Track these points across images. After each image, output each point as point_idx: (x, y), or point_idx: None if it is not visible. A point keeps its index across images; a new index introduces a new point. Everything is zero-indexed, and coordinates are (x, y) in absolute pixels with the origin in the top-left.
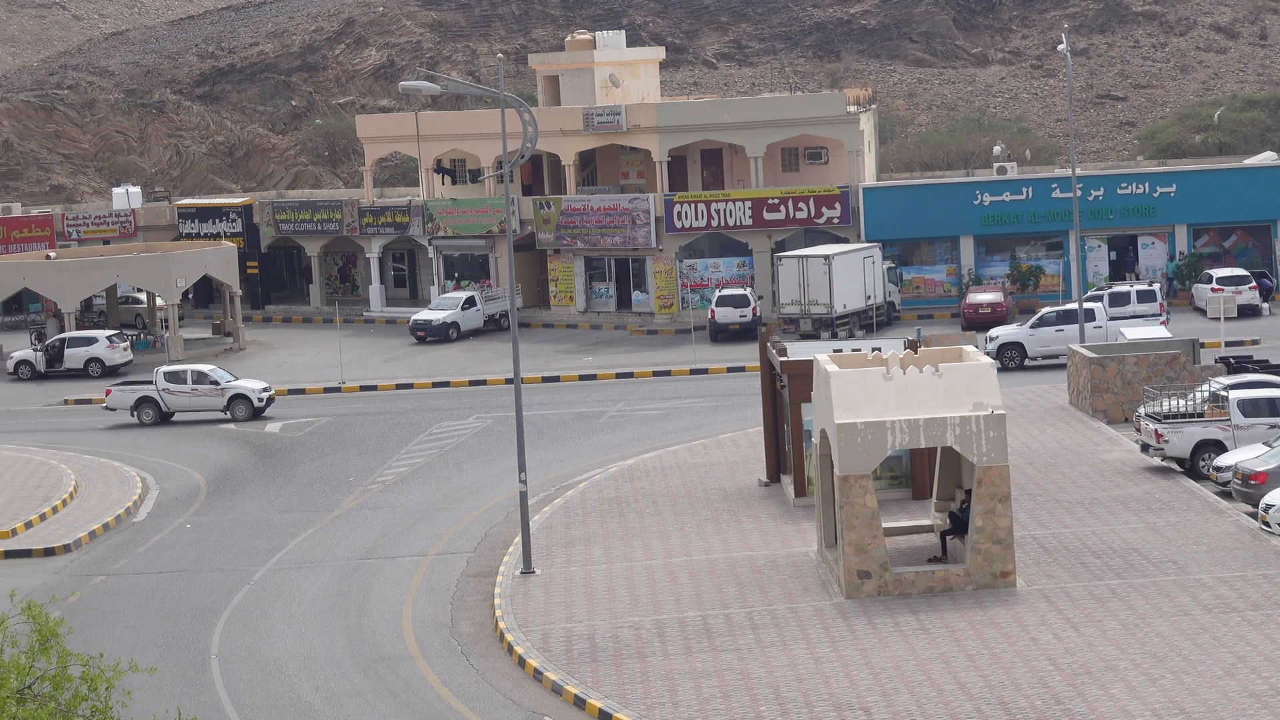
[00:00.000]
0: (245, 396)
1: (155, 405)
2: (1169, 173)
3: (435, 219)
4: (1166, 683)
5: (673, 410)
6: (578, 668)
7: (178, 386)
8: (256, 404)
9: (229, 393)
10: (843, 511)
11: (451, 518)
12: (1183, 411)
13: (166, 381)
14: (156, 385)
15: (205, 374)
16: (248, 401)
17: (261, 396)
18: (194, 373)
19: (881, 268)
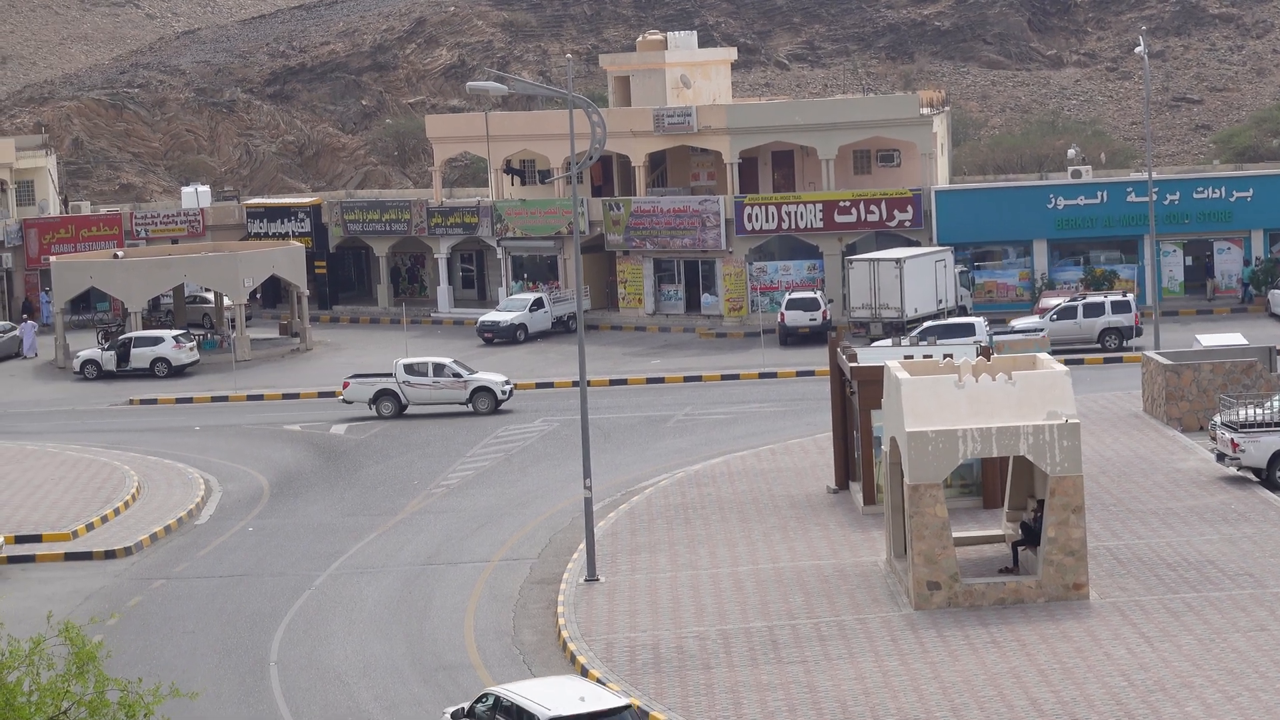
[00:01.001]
0: (489, 389)
1: (395, 398)
2: (1245, 177)
3: (504, 220)
4: (1243, 701)
5: (741, 415)
6: (641, 679)
7: (418, 379)
8: (500, 396)
9: (471, 385)
10: (912, 521)
11: (516, 523)
12: (1259, 420)
13: (407, 374)
14: (396, 378)
15: (445, 366)
16: (491, 394)
17: (505, 389)
18: (434, 365)
19: (953, 271)
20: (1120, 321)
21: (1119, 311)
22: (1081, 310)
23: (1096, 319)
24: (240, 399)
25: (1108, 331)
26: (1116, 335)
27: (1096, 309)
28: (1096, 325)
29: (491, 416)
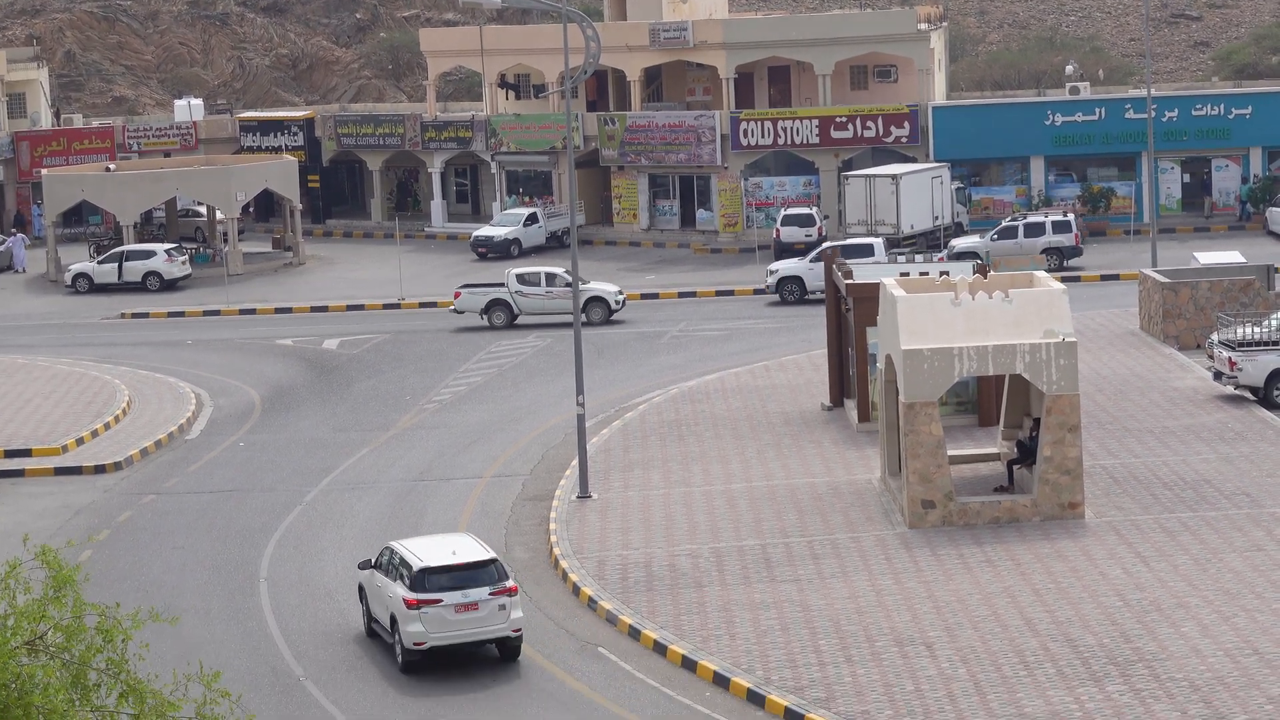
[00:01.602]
0: (602, 299)
1: (507, 308)
2: (1244, 94)
3: (498, 134)
4: (1239, 621)
5: (735, 331)
6: (633, 597)
7: (530, 289)
8: (614, 306)
9: (585, 295)
10: (907, 439)
11: (508, 439)
12: (1257, 339)
13: (519, 284)
14: (509, 287)
15: (558, 275)
16: (604, 304)
17: (618, 299)
18: (546, 274)
19: (950, 188)
20: (1061, 241)
21: (1060, 231)
22: (1023, 230)
23: (1038, 238)
24: (232, 313)
25: (1049, 251)
26: (1057, 255)
27: (1037, 229)
28: (1038, 245)
29: (485, 331)
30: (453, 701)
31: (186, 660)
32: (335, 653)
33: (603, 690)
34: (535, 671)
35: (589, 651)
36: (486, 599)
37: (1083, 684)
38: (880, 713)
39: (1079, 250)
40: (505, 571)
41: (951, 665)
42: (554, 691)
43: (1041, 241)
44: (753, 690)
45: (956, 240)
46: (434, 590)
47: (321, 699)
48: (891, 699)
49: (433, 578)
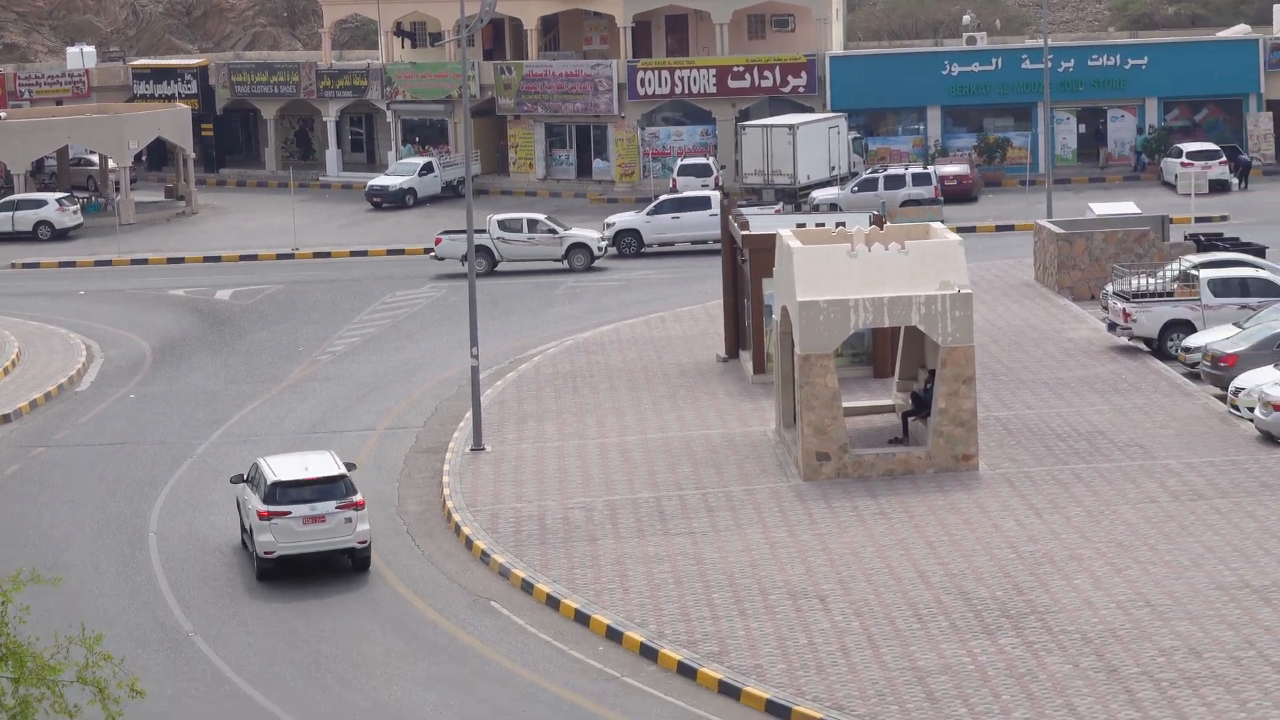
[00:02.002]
0: (585, 245)
1: (489, 254)
2: (1140, 45)
3: (394, 83)
4: (1132, 573)
5: (631, 282)
6: (526, 550)
7: (513, 235)
8: (595, 253)
9: (567, 241)
10: (802, 391)
11: (402, 391)
12: (1151, 290)
13: (501, 230)
14: (490, 234)
15: (540, 221)
16: (587, 250)
17: (600, 245)
18: (528, 220)
19: (847, 137)
20: (920, 194)
21: (920, 184)
22: (883, 182)
23: (897, 190)
24: (124, 263)
25: (908, 203)
26: (917, 205)
27: (897, 181)
28: (898, 197)
29: (379, 282)
30: (343, 657)
31: (74, 617)
32: (225, 608)
33: (495, 645)
34: (427, 626)
35: (481, 605)
36: (333, 512)
37: (975, 637)
38: (773, 666)
39: (939, 201)
40: (353, 487)
41: (845, 618)
42: (445, 646)
43: (901, 194)
44: (646, 644)
45: (816, 192)
46: (284, 503)
47: (210, 654)
48: (785, 652)
49: (284, 491)
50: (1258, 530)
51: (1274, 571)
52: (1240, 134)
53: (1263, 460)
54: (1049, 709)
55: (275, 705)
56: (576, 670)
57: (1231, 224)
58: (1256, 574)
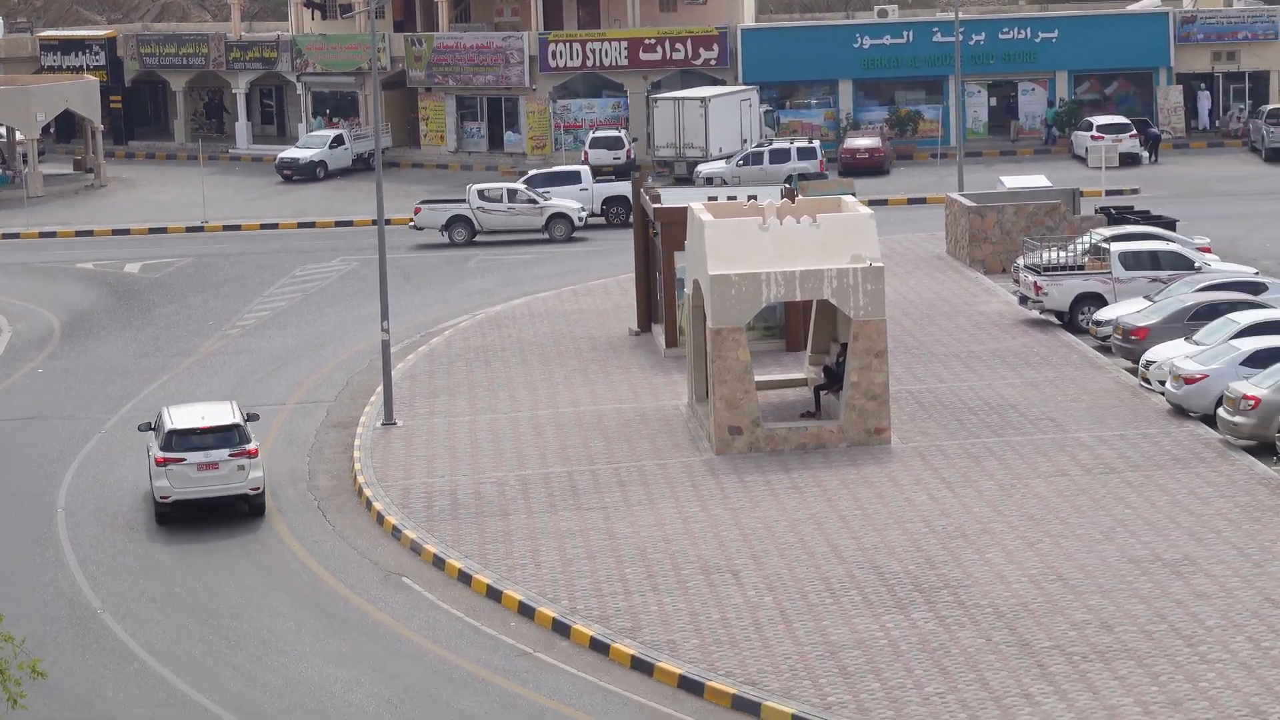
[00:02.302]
0: (565, 215)
1: (469, 224)
2: (1051, 18)
3: (304, 55)
4: (1044, 547)
5: (543, 255)
6: (438, 525)
7: (493, 205)
8: (576, 223)
9: (548, 211)
10: (714, 365)
11: (312, 365)
12: (1062, 263)
13: (481, 200)
14: (470, 203)
15: (519, 191)
16: (568, 220)
17: (581, 215)
18: (508, 190)
19: (759, 110)
20: (806, 168)
21: (805, 158)
22: (768, 156)
23: (783, 165)
24: (32, 236)
25: (793, 177)
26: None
27: (782, 155)
28: (783, 171)
29: (290, 255)
30: (254, 633)
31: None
32: (134, 584)
33: (407, 621)
34: (338, 603)
35: (393, 581)
36: (226, 459)
37: (888, 611)
38: (686, 642)
39: (824, 176)
40: (247, 436)
41: (758, 593)
42: (357, 622)
43: (786, 168)
44: (558, 620)
45: (702, 166)
46: (180, 450)
47: (120, 632)
48: (697, 628)
49: (179, 439)
50: (1169, 503)
51: (1185, 545)
52: (1151, 107)
53: (1173, 433)
54: (961, 683)
55: (185, 684)
56: (488, 646)
57: (1142, 197)
58: (1168, 547)
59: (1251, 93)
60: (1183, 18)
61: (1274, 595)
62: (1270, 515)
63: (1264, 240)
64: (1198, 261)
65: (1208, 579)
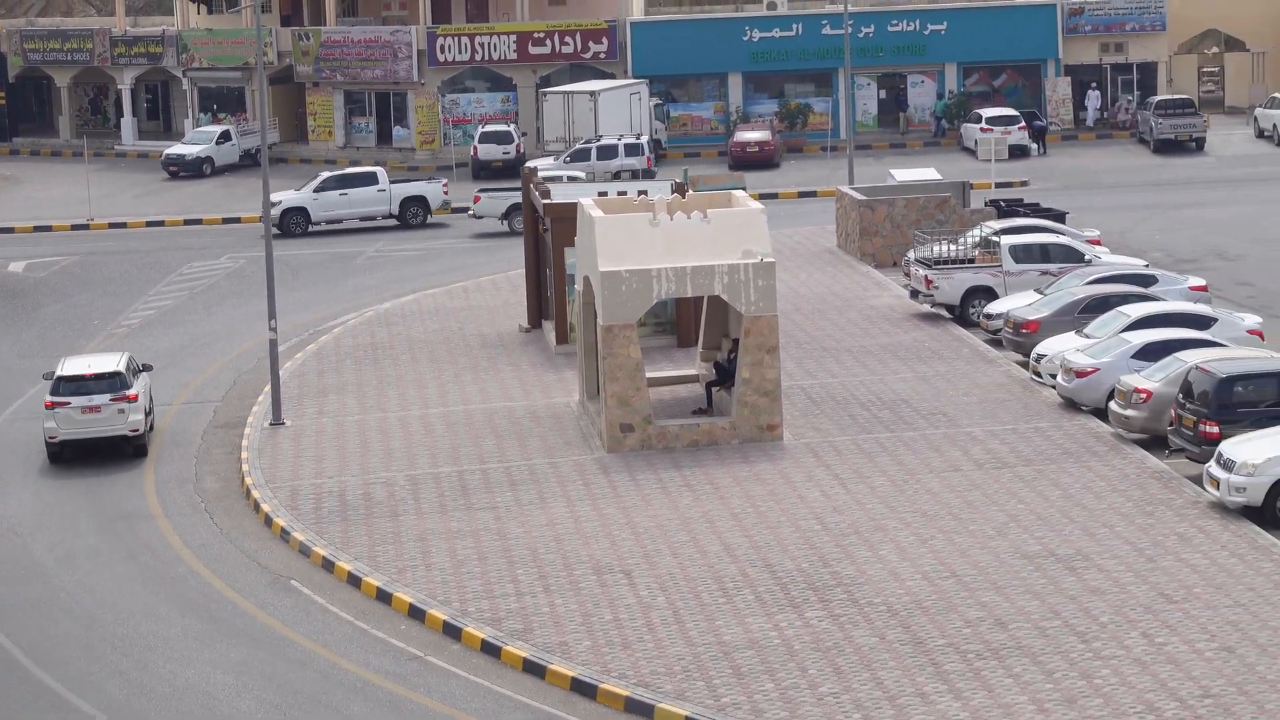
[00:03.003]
0: None
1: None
2: (940, 10)
3: (190, 50)
4: (937, 543)
5: (432, 251)
6: (327, 527)
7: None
8: None
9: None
10: (605, 362)
11: (199, 364)
12: (953, 257)
13: None
14: None
15: (579, 178)
16: None
17: None
18: (568, 176)
19: (648, 104)
20: (633, 164)
21: (632, 154)
22: (595, 152)
23: (610, 161)
24: None
25: (621, 173)
26: (631, 176)
27: (610, 151)
28: (610, 167)
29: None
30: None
31: None
32: (17, 589)
33: (296, 625)
34: (226, 606)
35: (281, 584)
36: (108, 404)
37: (782, 610)
38: (579, 644)
39: (652, 172)
40: (127, 382)
41: (650, 593)
42: (245, 627)
43: (614, 164)
44: (449, 622)
45: (533, 161)
46: (65, 394)
47: (1, 638)
48: (590, 629)
49: (65, 384)
50: (1061, 498)
51: (1078, 540)
52: (1039, 99)
53: (1065, 427)
54: (855, 683)
55: (69, 690)
56: (379, 650)
57: (1031, 189)
58: (1061, 542)
59: (1140, 84)
60: (1070, 9)
61: (1167, 590)
62: (1162, 509)
63: (1153, 232)
64: (1088, 254)
65: (1101, 574)
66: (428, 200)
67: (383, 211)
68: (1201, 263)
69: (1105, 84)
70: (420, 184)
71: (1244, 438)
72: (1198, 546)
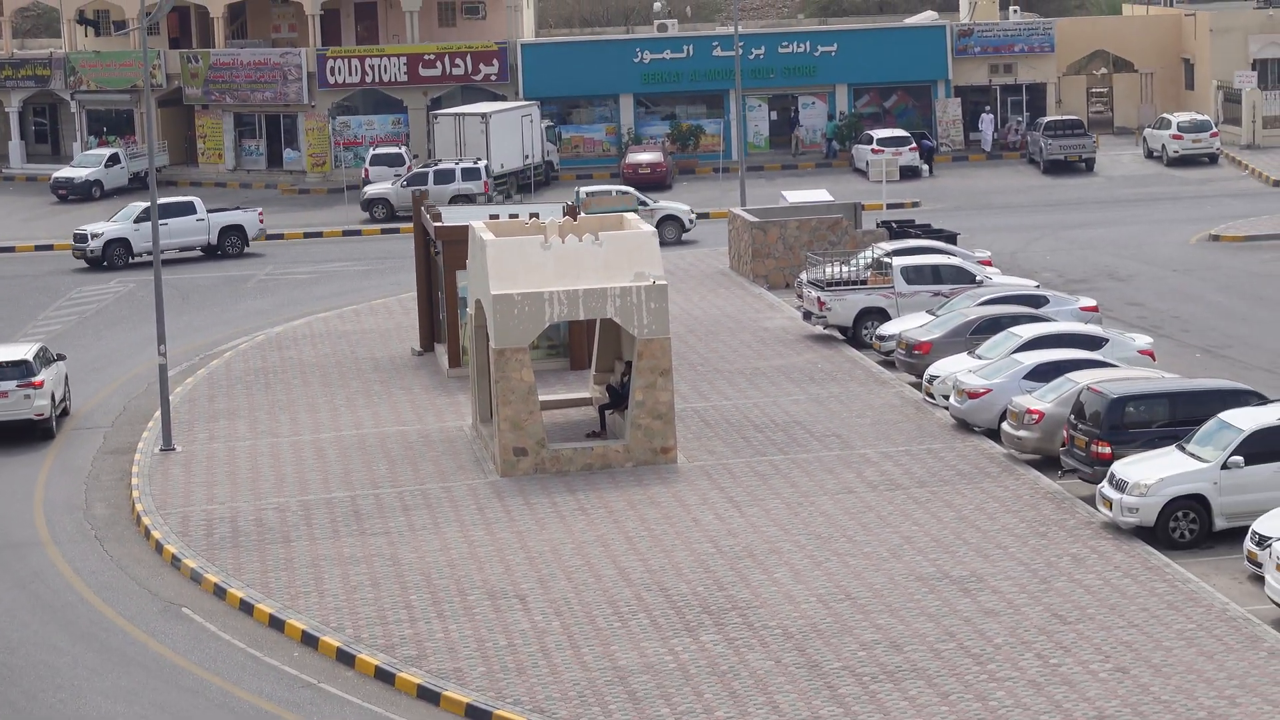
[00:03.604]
0: (676, 217)
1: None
2: (830, 31)
3: (78, 72)
4: (831, 565)
5: (324, 274)
6: (218, 554)
7: None
8: (686, 225)
9: (658, 214)
10: (498, 386)
11: (89, 390)
12: (845, 278)
13: None
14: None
15: (630, 193)
16: (679, 222)
17: (691, 218)
18: (618, 192)
19: (540, 126)
20: (470, 188)
21: (469, 179)
22: (432, 176)
23: (447, 185)
24: None
25: (457, 198)
26: (466, 200)
27: (447, 175)
28: (447, 191)
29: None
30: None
31: None
32: None
33: (187, 653)
34: (116, 634)
35: (172, 612)
36: (14, 389)
37: (677, 634)
38: (473, 669)
39: (489, 197)
40: (34, 370)
41: (545, 618)
42: (135, 656)
43: (451, 189)
44: (342, 649)
45: (368, 188)
46: None
47: None
48: (484, 655)
49: None
50: (955, 519)
51: (972, 562)
52: (930, 120)
53: (958, 448)
54: (751, 706)
55: None
56: (272, 677)
57: (923, 210)
58: (955, 564)
59: (1029, 105)
60: (960, 31)
61: (1061, 611)
62: (1056, 530)
63: (1044, 252)
64: (979, 275)
65: (995, 596)
66: (245, 229)
67: (202, 241)
68: (1092, 283)
69: (995, 105)
70: (237, 213)
71: (1136, 458)
72: (1091, 567)
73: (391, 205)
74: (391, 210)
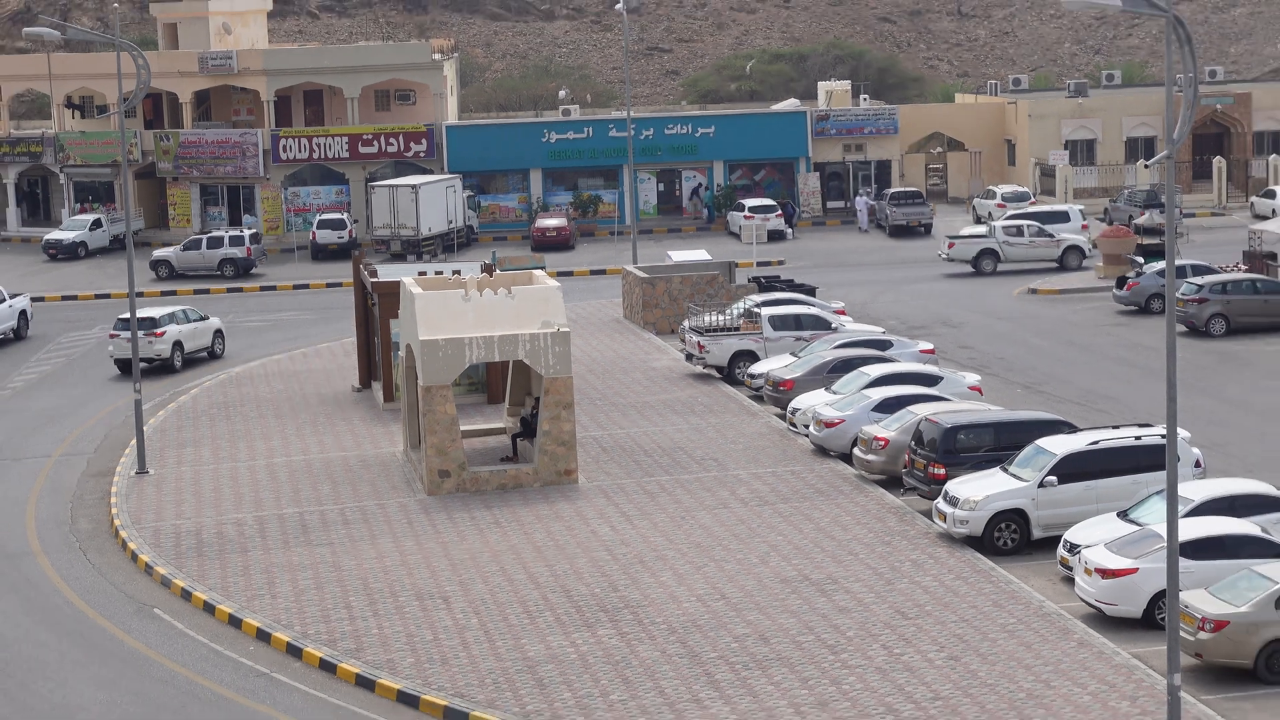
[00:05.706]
0: (1078, 248)
1: (995, 256)
2: (708, 115)
3: (66, 149)
4: (709, 570)
5: (277, 322)
6: (185, 562)
7: (1016, 239)
8: (1086, 254)
9: (1064, 244)
10: (425, 418)
11: (75, 421)
12: (721, 325)
13: (1005, 234)
14: (995, 237)
15: (1040, 226)
16: (1080, 252)
17: (1091, 248)
18: (1026, 226)
19: (462, 196)
20: (235, 254)
21: (235, 245)
22: (205, 243)
23: (217, 250)
24: None
25: (225, 261)
26: (232, 266)
27: (217, 242)
28: (216, 256)
29: (55, 324)
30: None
31: None
32: None
33: (158, 647)
34: (97, 632)
35: (146, 612)
36: (142, 337)
37: (578, 629)
38: (403, 660)
39: (254, 261)
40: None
41: (465, 616)
42: (114, 649)
43: (219, 253)
44: (291, 644)
45: (156, 251)
46: None
47: None
48: (413, 648)
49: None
50: (814, 530)
51: (828, 566)
52: (793, 191)
53: (817, 470)
54: (641, 691)
55: None
56: (231, 668)
57: (787, 267)
58: (814, 569)
59: (877, 178)
60: (818, 115)
61: (903, 608)
62: (899, 539)
63: (890, 303)
64: (834, 323)
65: (848, 595)
66: None
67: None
68: (930, 329)
69: (847, 179)
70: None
71: (966, 478)
72: (929, 571)
73: (172, 266)
74: (172, 270)
